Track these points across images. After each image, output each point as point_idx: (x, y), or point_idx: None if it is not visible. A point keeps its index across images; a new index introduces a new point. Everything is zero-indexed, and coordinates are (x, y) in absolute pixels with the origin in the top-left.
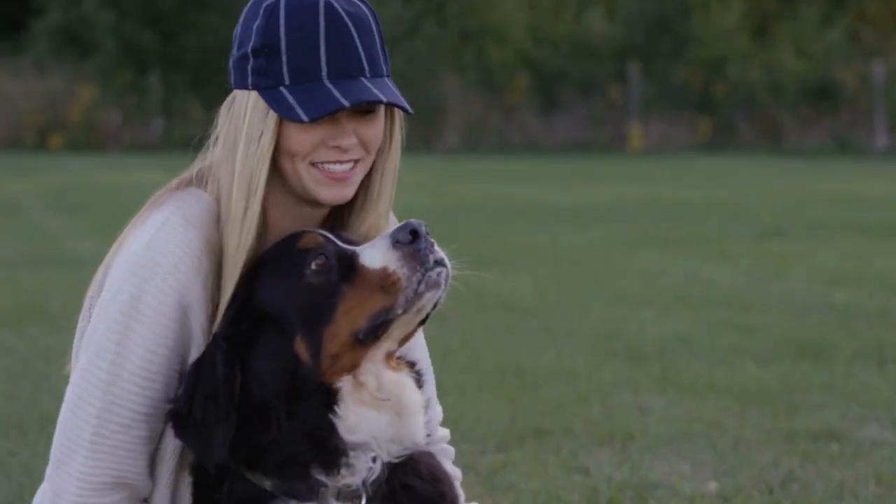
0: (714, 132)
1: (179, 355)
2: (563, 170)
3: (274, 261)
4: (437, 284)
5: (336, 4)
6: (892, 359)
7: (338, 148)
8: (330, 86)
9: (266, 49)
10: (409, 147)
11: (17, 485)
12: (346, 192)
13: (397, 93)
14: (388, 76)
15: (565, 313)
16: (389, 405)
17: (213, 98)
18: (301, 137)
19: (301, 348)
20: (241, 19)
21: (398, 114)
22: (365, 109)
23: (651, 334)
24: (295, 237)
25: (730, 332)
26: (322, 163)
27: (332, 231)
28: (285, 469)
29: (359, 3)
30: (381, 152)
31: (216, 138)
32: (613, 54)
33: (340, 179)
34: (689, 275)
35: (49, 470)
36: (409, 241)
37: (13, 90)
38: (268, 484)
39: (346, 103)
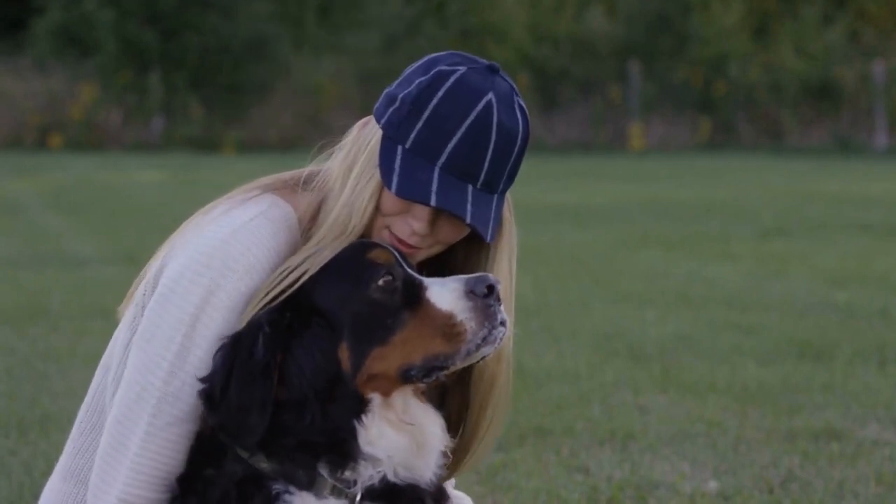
0: (714, 132)
1: None
2: (563, 169)
3: (338, 262)
4: (493, 341)
5: (496, 109)
6: (892, 359)
7: (409, 225)
8: (436, 175)
9: (411, 107)
10: None
11: (17, 484)
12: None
13: (491, 215)
14: (500, 193)
15: (566, 313)
16: (412, 431)
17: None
18: (391, 199)
19: (344, 356)
20: (420, 61)
21: (506, 224)
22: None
23: (652, 334)
24: (365, 246)
25: (731, 332)
26: (394, 232)
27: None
28: (294, 455)
29: (520, 119)
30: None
31: (341, 148)
32: (614, 53)
33: (404, 249)
34: (690, 274)
35: (99, 456)
36: (484, 294)
37: (13, 90)
38: (265, 466)
39: (432, 202)
